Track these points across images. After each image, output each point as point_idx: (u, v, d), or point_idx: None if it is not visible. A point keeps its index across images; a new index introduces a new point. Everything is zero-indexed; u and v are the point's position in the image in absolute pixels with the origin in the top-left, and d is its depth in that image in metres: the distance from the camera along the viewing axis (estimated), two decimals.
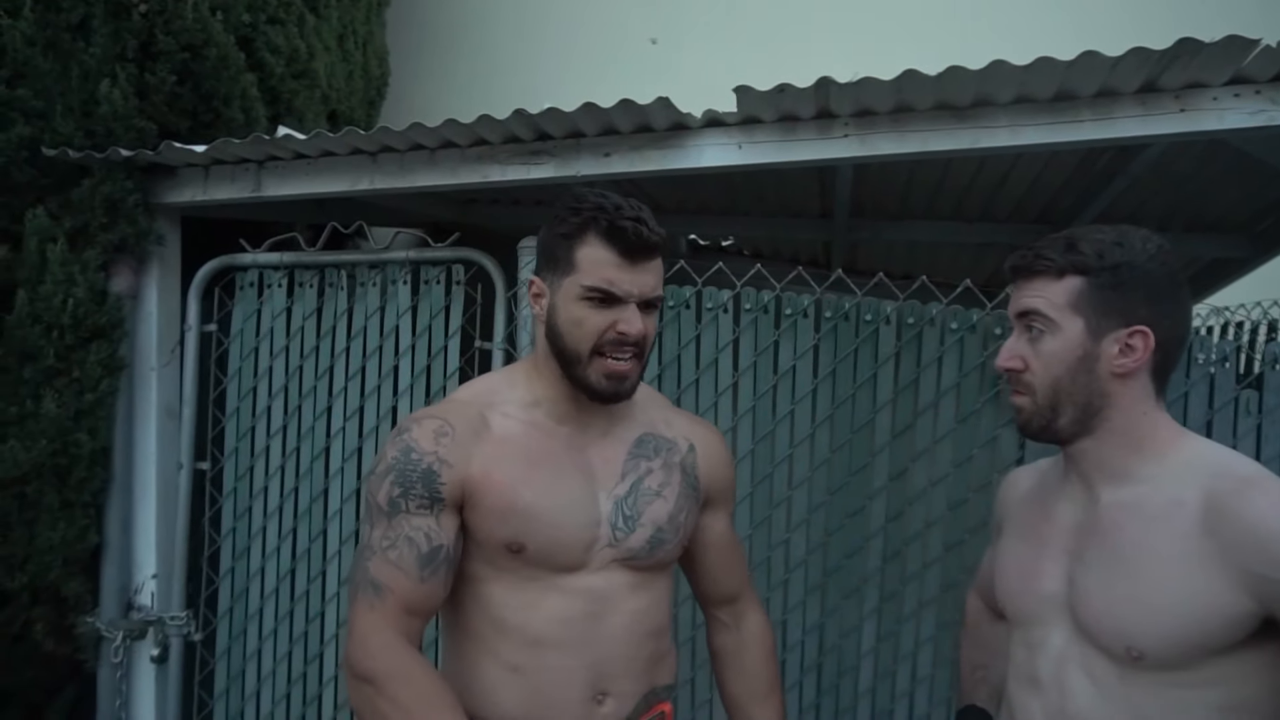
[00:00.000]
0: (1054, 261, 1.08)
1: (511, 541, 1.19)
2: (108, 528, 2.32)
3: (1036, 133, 1.85)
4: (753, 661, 1.42)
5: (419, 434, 1.20)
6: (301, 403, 2.39)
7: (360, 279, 2.35)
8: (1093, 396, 1.07)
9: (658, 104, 1.89)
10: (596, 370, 1.20)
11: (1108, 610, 1.04)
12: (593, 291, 1.18)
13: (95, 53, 2.19)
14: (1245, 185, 2.70)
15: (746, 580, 1.47)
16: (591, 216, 1.18)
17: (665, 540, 1.28)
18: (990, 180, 2.90)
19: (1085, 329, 1.07)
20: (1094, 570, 1.07)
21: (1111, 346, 1.06)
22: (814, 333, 2.09)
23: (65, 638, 2.27)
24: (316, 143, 2.13)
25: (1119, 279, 1.06)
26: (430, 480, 1.18)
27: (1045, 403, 1.09)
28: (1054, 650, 1.11)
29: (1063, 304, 1.07)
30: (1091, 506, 1.11)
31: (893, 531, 2.09)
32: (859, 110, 1.90)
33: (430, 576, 1.17)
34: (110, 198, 2.21)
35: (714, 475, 1.38)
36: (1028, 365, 1.10)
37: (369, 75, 3.54)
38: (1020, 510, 1.25)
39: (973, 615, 1.47)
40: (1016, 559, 1.20)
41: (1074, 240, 1.08)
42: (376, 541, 1.18)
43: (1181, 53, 1.62)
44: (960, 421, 2.03)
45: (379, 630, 1.15)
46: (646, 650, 1.27)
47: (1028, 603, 1.15)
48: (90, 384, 2.20)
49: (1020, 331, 1.13)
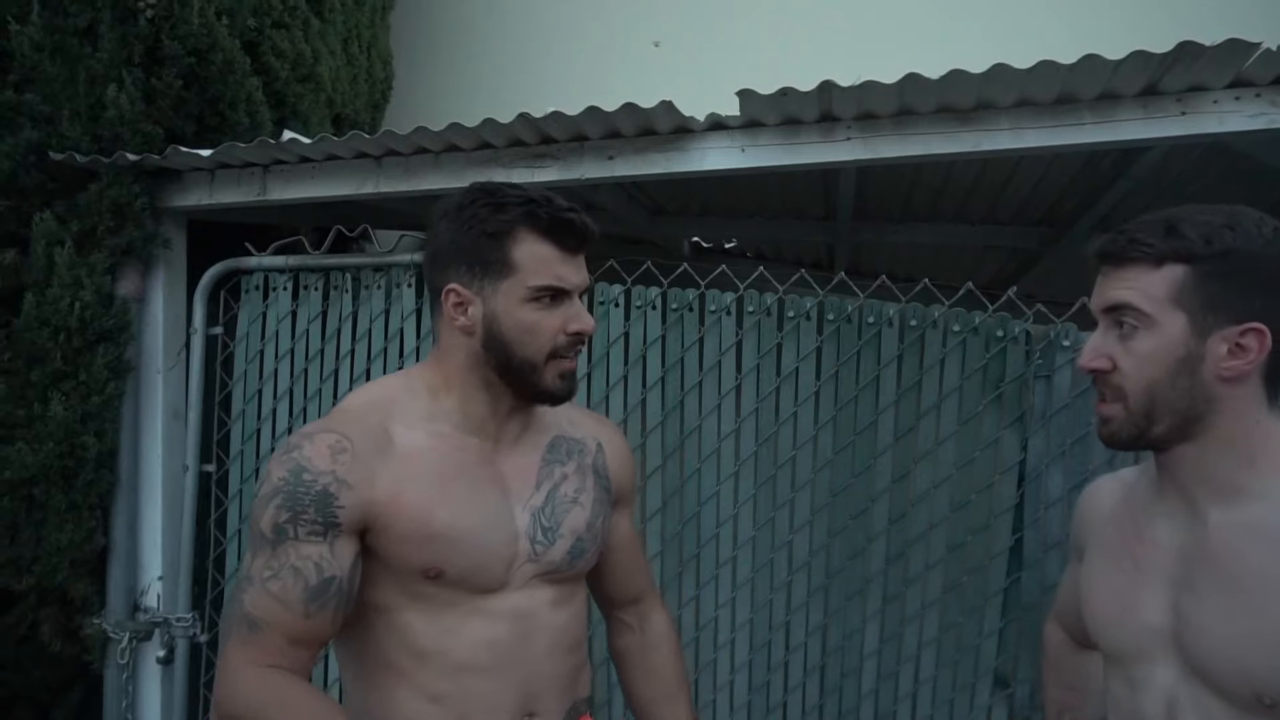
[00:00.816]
0: (1152, 247, 0.92)
1: (429, 567, 1.08)
2: (114, 529, 2.33)
3: (1038, 135, 1.85)
4: (661, 661, 1.36)
5: (312, 451, 1.06)
6: (306, 405, 2.40)
7: (365, 282, 2.36)
8: (1195, 403, 0.92)
9: (661, 107, 1.90)
10: (552, 374, 1.13)
11: (1229, 650, 0.90)
12: (542, 291, 1.10)
13: (102, 57, 2.21)
14: (1248, 188, 2.70)
15: (649, 579, 1.41)
16: (526, 211, 1.09)
17: (585, 549, 1.21)
18: (993, 183, 2.91)
19: (1189, 326, 0.92)
20: (1208, 602, 0.93)
21: (1220, 346, 0.91)
22: (817, 335, 2.10)
23: (72, 639, 2.28)
24: (321, 146, 2.14)
25: (1229, 268, 0.90)
26: (325, 504, 1.04)
27: (1139, 410, 0.94)
28: (1160, 690, 0.97)
29: (1162, 297, 0.92)
30: (1198, 527, 0.96)
31: (895, 533, 2.10)
32: (861, 113, 1.91)
33: (318, 612, 1.04)
34: (117, 201, 2.22)
35: (622, 475, 1.31)
36: (1116, 365, 0.95)
37: (373, 79, 3.55)
38: (1108, 528, 1.09)
39: (1055, 648, 1.31)
40: (1110, 586, 1.04)
41: (1175, 222, 0.93)
42: (257, 572, 1.04)
43: (1182, 56, 1.63)
44: (963, 424, 2.03)
45: (252, 662, 1.03)
46: (569, 665, 1.21)
47: (1126, 637, 1.01)
48: (97, 387, 2.21)
49: (1108, 328, 0.97)
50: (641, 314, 2.17)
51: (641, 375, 2.19)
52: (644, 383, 2.19)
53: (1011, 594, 2.02)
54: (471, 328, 1.12)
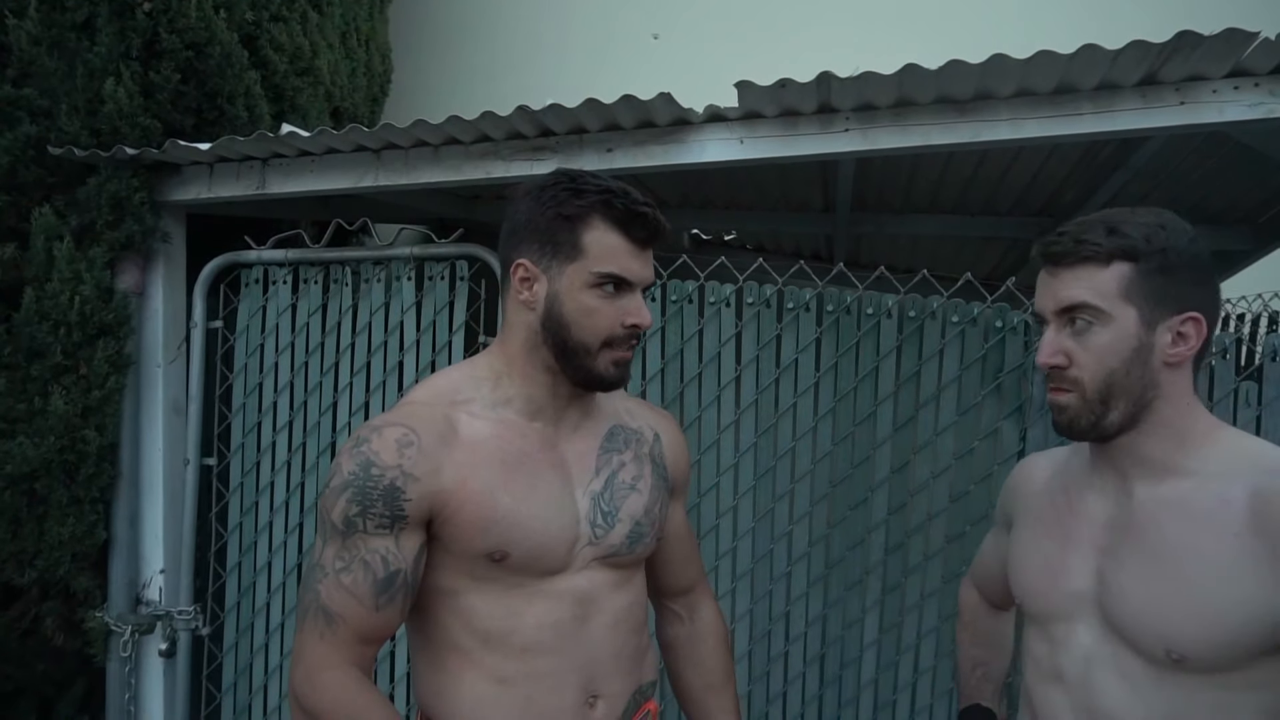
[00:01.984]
0: (1100, 246, 1.00)
1: (494, 551, 1.12)
2: (116, 523, 2.34)
3: (1038, 126, 1.85)
4: (708, 652, 1.39)
5: (379, 445, 1.10)
6: (307, 398, 2.41)
7: (365, 275, 2.37)
8: (1145, 389, 1.01)
9: (660, 99, 1.89)
10: (605, 360, 1.15)
11: (1146, 611, 0.99)
12: (606, 279, 1.12)
13: (100, 51, 2.20)
14: (1247, 177, 2.70)
15: (701, 571, 1.44)
16: (602, 200, 1.12)
17: (644, 534, 1.23)
18: (992, 174, 2.91)
19: (1138, 318, 1.00)
20: (1130, 568, 1.02)
21: (1165, 335, 1.00)
22: (816, 326, 2.10)
23: (75, 632, 2.29)
24: (320, 140, 2.14)
25: (1168, 263, 0.99)
26: (393, 498, 1.08)
27: (1096, 398, 1.02)
28: (1081, 648, 1.06)
29: (1114, 293, 1.00)
30: (1125, 501, 1.06)
31: (895, 524, 2.11)
32: (860, 105, 1.91)
33: (387, 604, 1.09)
34: (116, 195, 2.23)
35: (678, 465, 1.34)
36: (1073, 360, 1.03)
37: (372, 72, 3.55)
38: (1039, 502, 1.19)
39: (970, 609, 1.43)
40: (1038, 552, 1.14)
41: (1115, 223, 1.01)
42: (329, 562, 1.10)
43: (1181, 45, 1.62)
44: (961, 414, 2.04)
45: (329, 664, 1.08)
46: (631, 647, 1.24)
47: (1052, 600, 1.10)
48: (98, 381, 2.22)
49: (1060, 325, 1.04)
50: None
51: (641, 367, 2.19)
52: (644, 374, 2.19)
53: None
54: (534, 303, 1.15)
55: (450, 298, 2.29)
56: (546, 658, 1.15)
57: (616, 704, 1.21)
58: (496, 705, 1.14)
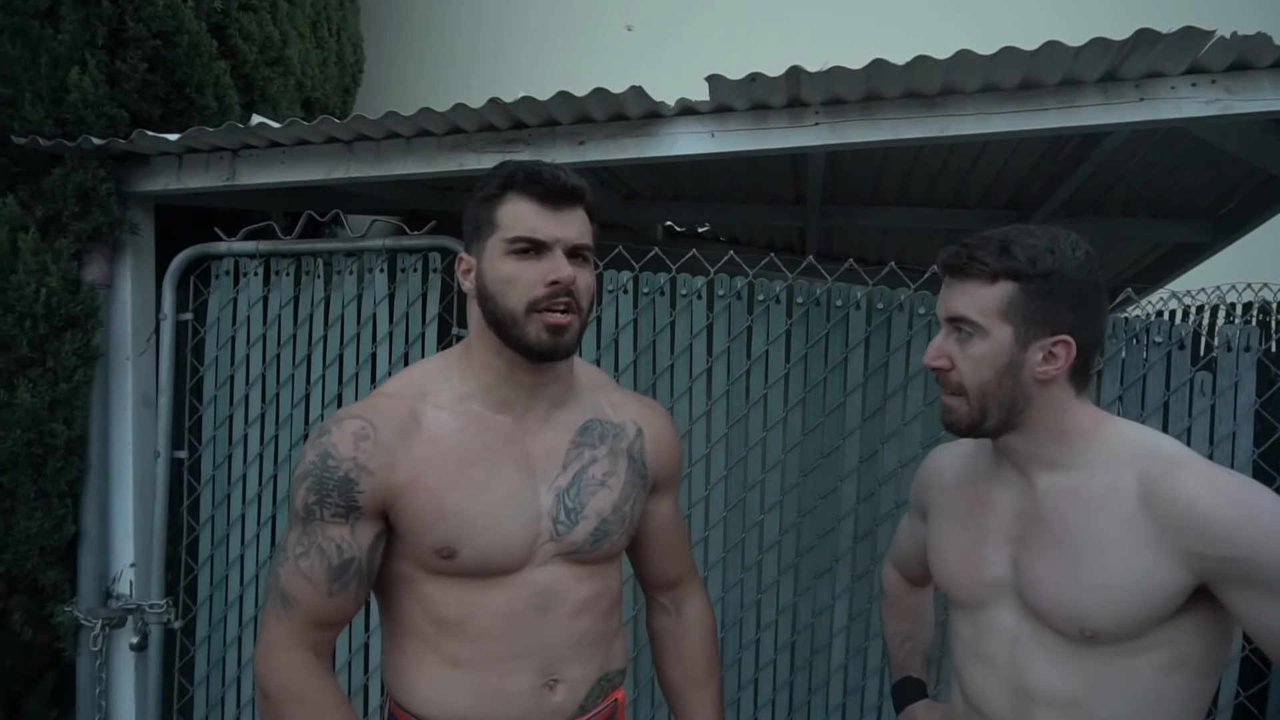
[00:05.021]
0: (988, 265, 1.08)
1: (442, 547, 1.13)
2: (85, 517, 2.32)
3: (1003, 120, 1.88)
4: (693, 646, 1.40)
5: (338, 437, 1.13)
6: (279, 390, 2.40)
7: (337, 267, 2.36)
8: (1017, 400, 1.09)
9: (631, 92, 1.91)
10: (535, 326, 1.13)
11: (1059, 595, 1.07)
12: (517, 242, 1.13)
13: (64, 39, 2.17)
14: (1205, 172, 2.76)
15: (690, 564, 1.43)
16: (510, 173, 1.15)
17: (610, 532, 1.22)
18: (960, 167, 2.95)
19: (1013, 336, 1.08)
20: (1040, 556, 1.10)
21: (1036, 354, 1.08)
22: (786, 318, 2.13)
23: (44, 627, 2.27)
24: (291, 131, 2.13)
25: (1049, 287, 1.06)
26: (347, 489, 1.11)
27: (976, 404, 1.11)
28: (1005, 631, 1.14)
29: (994, 310, 1.08)
30: (1029, 493, 1.14)
31: (864, 512, 2.14)
32: (829, 99, 1.93)
33: (340, 590, 1.13)
34: (82, 186, 2.20)
35: (662, 459, 1.33)
36: (954, 364, 1.11)
37: (343, 62, 3.52)
38: (950, 494, 1.26)
39: (893, 588, 1.51)
40: (956, 545, 1.21)
41: (1008, 244, 1.08)
42: (291, 546, 1.14)
43: (1140, 43, 1.66)
44: (928, 404, 2.07)
45: (283, 646, 1.13)
46: (594, 635, 1.23)
47: (974, 588, 1.17)
48: (65, 373, 2.20)
49: (949, 331, 1.13)
50: (613, 298, 2.19)
51: (614, 359, 2.21)
52: (616, 366, 2.21)
53: None
54: (474, 290, 1.18)
55: (423, 289, 2.29)
56: (502, 643, 1.17)
57: (579, 688, 1.22)
58: (453, 686, 1.17)
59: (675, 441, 1.36)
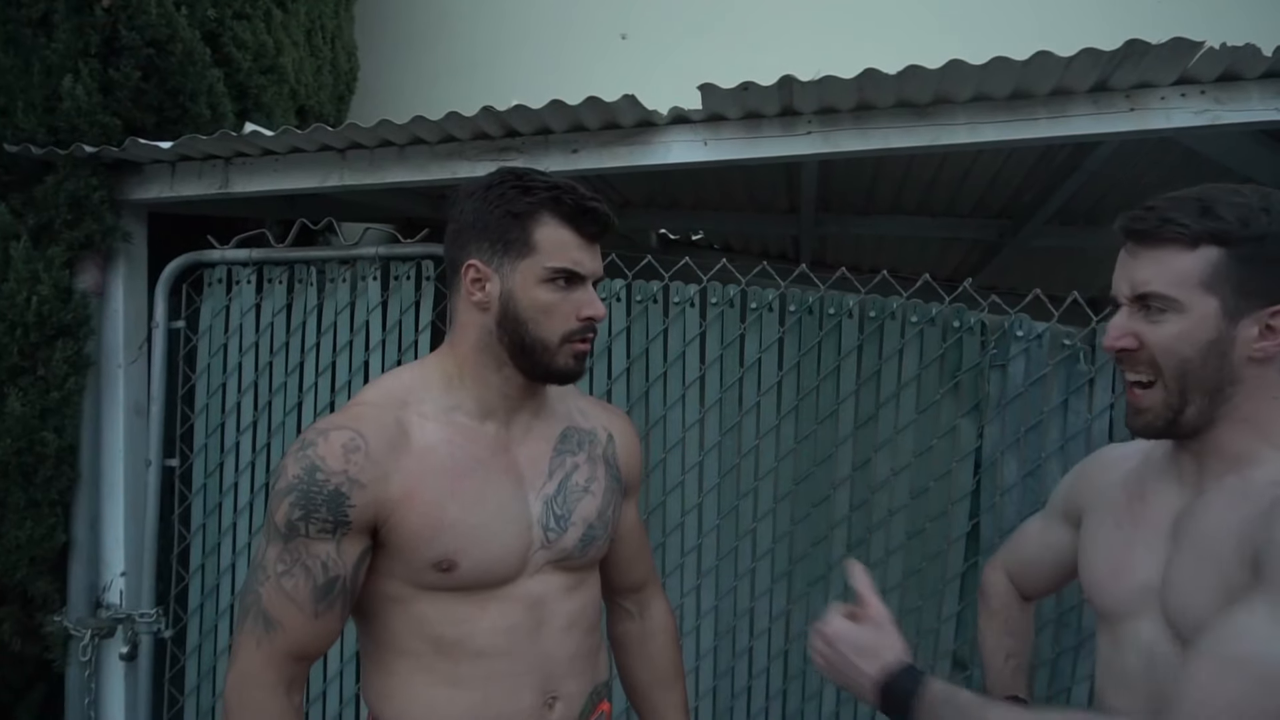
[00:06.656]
0: (1187, 228, 0.90)
1: (441, 560, 1.11)
2: (75, 526, 2.31)
3: (995, 130, 1.89)
4: (658, 649, 1.41)
5: (325, 450, 1.08)
6: (271, 399, 2.39)
7: (330, 275, 2.36)
8: (1223, 384, 0.92)
9: (624, 101, 1.91)
10: (565, 354, 1.15)
11: (1185, 602, 0.91)
12: (559, 274, 1.13)
13: (57, 48, 2.17)
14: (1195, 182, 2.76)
15: (652, 567, 1.45)
16: (551, 196, 1.12)
17: (596, 537, 1.23)
18: (952, 176, 2.96)
19: (1220, 309, 0.90)
20: (1180, 560, 0.95)
21: (1250, 329, 0.90)
22: (779, 326, 2.13)
23: (33, 637, 2.26)
24: (284, 139, 2.13)
25: (1263, 252, 0.89)
26: (338, 504, 1.07)
27: (1174, 388, 0.93)
28: (1144, 646, 0.98)
29: (1194, 281, 0.90)
30: (1196, 493, 0.98)
31: (857, 520, 2.14)
32: (822, 108, 1.94)
33: (325, 611, 1.08)
34: (75, 194, 2.20)
35: (630, 465, 1.34)
36: (1143, 344, 0.94)
37: (338, 70, 3.52)
38: (1116, 493, 1.10)
39: (1000, 596, 1.32)
40: (1108, 547, 1.06)
41: (1211, 203, 0.90)
42: (271, 564, 1.08)
43: (1130, 53, 1.67)
44: (921, 412, 2.07)
45: (260, 682, 1.07)
46: (587, 648, 1.24)
47: (1119, 595, 1.03)
48: (56, 382, 2.19)
49: (1133, 310, 0.95)
50: (607, 306, 2.19)
51: (607, 367, 2.21)
52: (609, 374, 2.21)
53: (969, 578, 2.07)
54: (487, 303, 1.15)
55: (416, 297, 2.29)
56: (502, 661, 1.15)
57: (574, 704, 1.22)
58: (451, 707, 1.14)
59: (639, 447, 1.39)
